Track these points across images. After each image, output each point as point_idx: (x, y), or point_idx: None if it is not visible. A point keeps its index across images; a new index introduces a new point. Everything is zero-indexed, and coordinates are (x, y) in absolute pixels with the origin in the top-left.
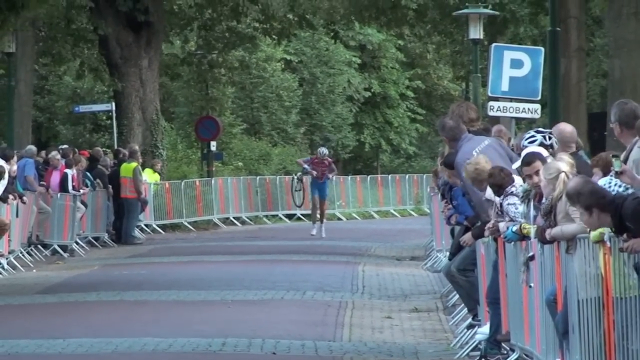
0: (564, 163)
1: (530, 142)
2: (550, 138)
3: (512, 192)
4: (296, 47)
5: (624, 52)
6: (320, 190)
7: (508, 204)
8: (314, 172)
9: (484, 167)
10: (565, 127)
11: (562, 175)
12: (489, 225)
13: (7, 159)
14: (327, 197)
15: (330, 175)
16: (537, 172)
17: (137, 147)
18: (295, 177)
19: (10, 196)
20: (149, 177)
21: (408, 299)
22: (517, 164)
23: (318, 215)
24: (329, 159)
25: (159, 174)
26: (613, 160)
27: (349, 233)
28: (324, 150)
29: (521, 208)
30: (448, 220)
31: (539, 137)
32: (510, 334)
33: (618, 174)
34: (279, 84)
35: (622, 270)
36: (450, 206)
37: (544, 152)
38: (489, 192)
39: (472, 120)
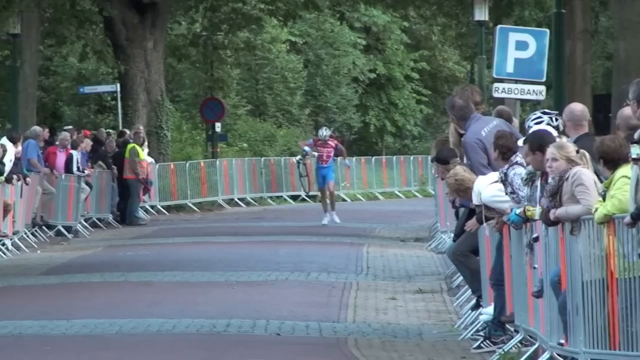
0: (571, 145)
1: (536, 124)
2: (557, 119)
3: (517, 161)
4: (301, 28)
5: (629, 33)
6: (324, 176)
7: (514, 173)
8: (315, 154)
9: (463, 176)
10: (576, 106)
11: (584, 152)
12: (493, 222)
13: (14, 142)
14: (334, 179)
15: (345, 161)
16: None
17: (140, 129)
18: (298, 162)
19: (15, 177)
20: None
21: (412, 280)
22: (521, 141)
23: (328, 201)
24: (335, 141)
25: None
26: (632, 146)
27: (353, 214)
28: (324, 131)
29: (526, 190)
30: (453, 203)
31: (545, 118)
32: (514, 315)
33: (636, 161)
34: (284, 66)
35: (626, 252)
36: None
37: (553, 132)
38: (475, 199)
39: (476, 104)
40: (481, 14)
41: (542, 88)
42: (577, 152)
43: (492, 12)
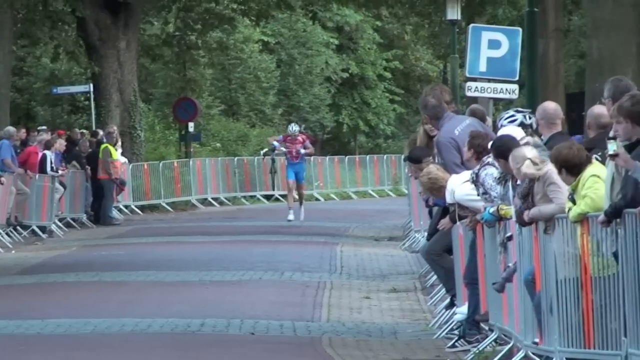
0: (528, 149)
1: (510, 122)
2: (530, 117)
3: (488, 162)
4: (274, 28)
5: (602, 32)
6: (297, 172)
7: (486, 174)
8: (282, 149)
9: (436, 174)
10: (549, 105)
11: (527, 161)
12: (467, 221)
13: None
14: (305, 179)
15: (304, 151)
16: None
17: (113, 129)
18: (264, 155)
19: None
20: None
21: (386, 279)
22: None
23: (296, 196)
24: (304, 136)
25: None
26: (608, 142)
27: (327, 214)
28: (293, 126)
29: (499, 189)
30: (426, 202)
31: (519, 116)
32: (488, 314)
33: (613, 157)
34: (256, 65)
35: (599, 250)
36: None
37: (519, 134)
38: (449, 197)
39: (447, 103)
40: (453, 13)
41: (515, 87)
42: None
43: (464, 11)
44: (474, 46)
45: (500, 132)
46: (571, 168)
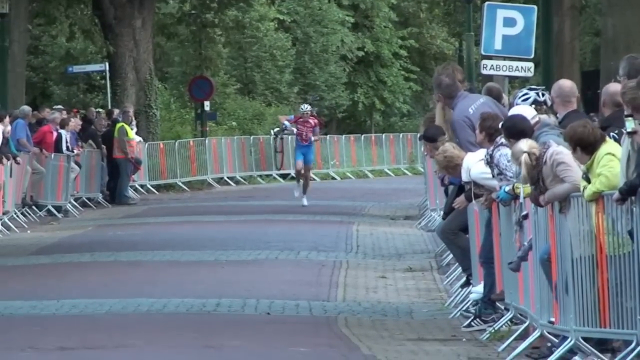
0: (524, 144)
1: (523, 100)
2: (543, 95)
3: (502, 142)
4: (289, 6)
5: (617, 10)
6: (305, 154)
7: (500, 154)
8: (294, 129)
9: (452, 152)
10: (565, 83)
11: (524, 156)
12: (483, 199)
13: (1, 120)
14: (312, 162)
15: (313, 138)
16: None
17: (129, 108)
18: (275, 134)
19: (4, 157)
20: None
21: (402, 258)
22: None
23: (301, 182)
24: (315, 119)
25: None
26: (626, 120)
27: (343, 192)
28: (305, 106)
29: (514, 168)
30: (442, 180)
31: (532, 94)
32: (504, 293)
33: (630, 134)
34: (272, 44)
35: (615, 229)
36: None
37: (530, 112)
38: (464, 176)
39: (459, 81)
40: None
41: (531, 65)
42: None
43: None
44: (489, 24)
45: (511, 111)
46: (586, 146)
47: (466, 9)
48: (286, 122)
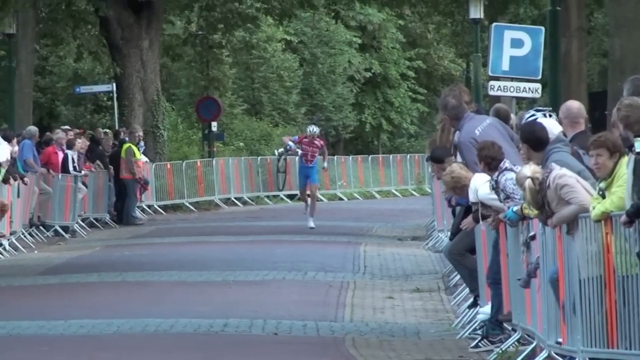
0: (527, 169)
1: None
2: (550, 115)
3: (506, 167)
4: (296, 27)
5: (624, 31)
6: (308, 176)
7: (506, 179)
8: (298, 151)
9: (459, 173)
10: (573, 104)
11: (528, 181)
12: (490, 220)
13: (9, 140)
14: (318, 181)
15: (324, 164)
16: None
17: (136, 128)
18: (279, 155)
19: (12, 177)
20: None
21: (410, 279)
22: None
23: (308, 204)
24: (321, 141)
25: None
26: (635, 140)
27: (350, 213)
28: (314, 128)
29: (521, 193)
30: (449, 201)
31: (538, 115)
32: (511, 314)
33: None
34: (279, 64)
35: (624, 249)
36: None
37: (557, 127)
38: (472, 196)
39: (466, 103)
40: (476, 12)
41: (538, 86)
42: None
43: (487, 10)
44: (496, 45)
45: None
46: (614, 152)
47: (473, 29)
48: (290, 143)
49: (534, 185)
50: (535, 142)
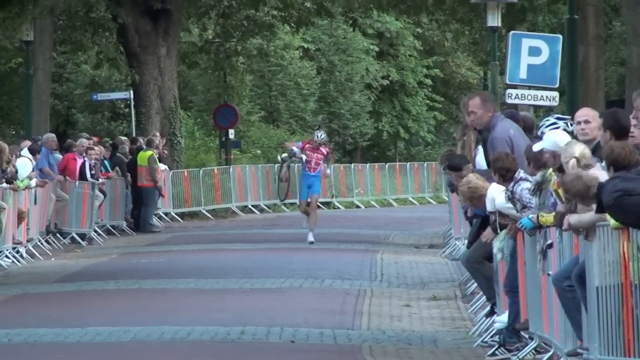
0: (577, 148)
1: (552, 130)
2: (572, 124)
3: (521, 177)
4: (314, 35)
5: None
6: (311, 185)
7: (522, 189)
8: (303, 157)
9: (476, 183)
10: (588, 112)
11: (572, 161)
12: (507, 229)
13: (34, 154)
14: (319, 192)
15: (327, 171)
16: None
17: (155, 136)
18: (283, 161)
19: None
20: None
21: (427, 287)
22: (540, 145)
23: (308, 216)
24: (327, 148)
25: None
26: None
27: (367, 221)
28: (321, 133)
29: (534, 200)
30: (465, 213)
31: (561, 124)
32: (528, 322)
33: None
34: (297, 72)
35: (637, 256)
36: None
37: (565, 139)
38: (489, 206)
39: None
40: (494, 20)
41: (555, 94)
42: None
43: (505, 18)
44: (514, 53)
45: (546, 137)
46: (619, 168)
47: (491, 38)
48: (295, 149)
49: (579, 166)
50: (618, 130)
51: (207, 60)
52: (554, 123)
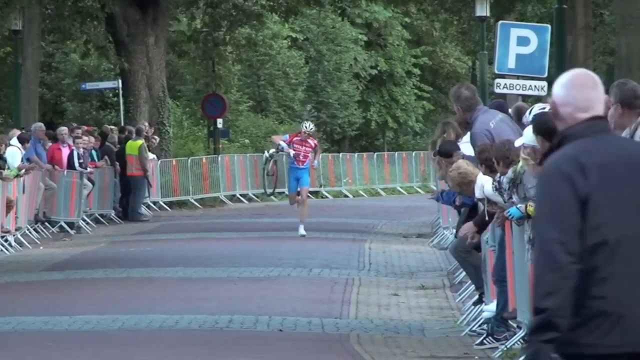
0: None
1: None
2: None
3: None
4: (302, 24)
5: (631, 29)
6: (299, 178)
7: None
8: (291, 152)
9: (466, 169)
10: None
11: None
12: (496, 217)
13: (23, 142)
14: (308, 184)
15: (314, 162)
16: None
17: (144, 125)
18: (270, 157)
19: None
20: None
21: (415, 276)
22: (521, 140)
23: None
24: (315, 140)
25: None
26: None
27: (355, 210)
28: (309, 124)
29: (514, 197)
30: (453, 202)
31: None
32: (517, 311)
33: None
34: (285, 62)
35: None
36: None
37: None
38: (478, 192)
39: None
40: (482, 10)
41: (544, 84)
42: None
43: (493, 7)
44: (502, 43)
45: (526, 132)
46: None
47: (480, 27)
48: (282, 143)
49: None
50: (549, 133)
51: (195, 49)
52: (543, 108)
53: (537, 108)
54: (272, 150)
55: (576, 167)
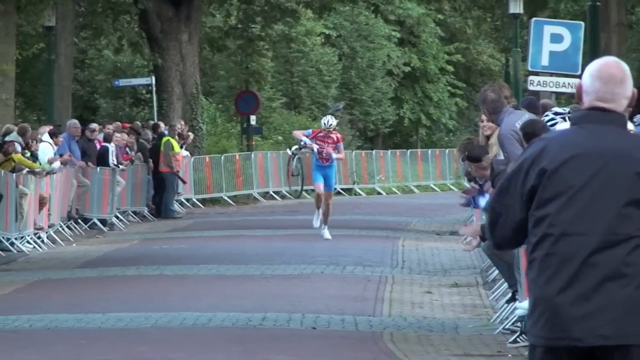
0: None
1: (551, 126)
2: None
3: None
4: (335, 21)
5: None
6: (325, 177)
7: None
8: (314, 147)
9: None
10: None
11: None
12: None
13: (54, 137)
14: (334, 188)
15: (336, 156)
16: None
17: (180, 123)
18: (294, 154)
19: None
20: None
21: (448, 274)
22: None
23: (321, 210)
24: (338, 134)
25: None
26: None
27: (388, 208)
28: (329, 119)
29: None
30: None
31: (558, 119)
32: None
33: None
34: (318, 58)
35: None
36: (478, 186)
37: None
38: None
39: (506, 98)
40: (516, 7)
41: (577, 81)
42: None
43: (527, 5)
44: (536, 40)
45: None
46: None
47: (513, 24)
48: (304, 138)
49: None
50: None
51: (232, 45)
52: (552, 119)
53: (546, 118)
54: (294, 147)
55: (538, 155)
